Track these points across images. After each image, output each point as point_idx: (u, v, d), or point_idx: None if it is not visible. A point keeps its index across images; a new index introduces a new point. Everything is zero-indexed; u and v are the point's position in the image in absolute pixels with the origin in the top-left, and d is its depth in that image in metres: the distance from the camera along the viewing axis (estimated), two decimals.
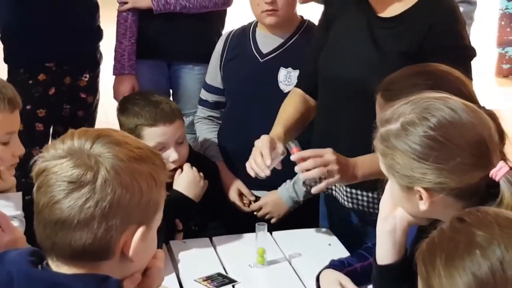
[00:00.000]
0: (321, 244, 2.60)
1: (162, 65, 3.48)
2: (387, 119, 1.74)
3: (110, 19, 3.63)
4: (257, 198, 2.96)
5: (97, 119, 3.66)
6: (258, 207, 2.92)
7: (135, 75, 3.42)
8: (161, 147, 2.67)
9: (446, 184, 1.67)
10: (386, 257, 1.89)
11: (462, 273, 1.25)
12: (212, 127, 3.13)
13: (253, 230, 2.47)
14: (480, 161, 1.67)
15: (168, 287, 2.02)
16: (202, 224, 2.80)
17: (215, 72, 3.11)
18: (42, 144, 3.19)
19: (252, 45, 3.00)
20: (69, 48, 3.39)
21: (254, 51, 2.99)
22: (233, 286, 2.33)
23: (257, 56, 2.98)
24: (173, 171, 2.69)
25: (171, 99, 3.36)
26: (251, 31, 3.03)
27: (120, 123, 2.79)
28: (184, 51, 3.39)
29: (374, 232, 1.93)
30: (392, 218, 1.86)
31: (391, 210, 1.86)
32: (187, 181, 2.69)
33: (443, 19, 2.37)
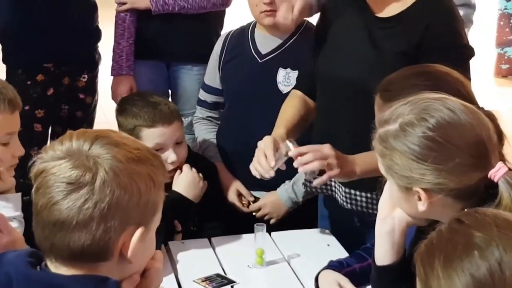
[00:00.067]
0: (320, 244, 2.60)
1: (160, 66, 3.48)
2: (386, 119, 1.74)
3: (108, 19, 3.62)
4: (256, 198, 2.95)
5: (96, 119, 3.66)
6: (257, 208, 2.92)
7: (133, 76, 3.42)
8: (160, 148, 2.66)
9: (444, 184, 1.67)
10: (384, 257, 1.89)
11: (460, 274, 1.25)
12: (210, 127, 3.12)
13: (252, 230, 2.47)
14: (478, 162, 1.67)
15: None
16: (200, 224, 2.79)
17: (213, 72, 3.11)
18: (40, 144, 3.20)
19: (251, 46, 3.00)
20: (67, 48, 3.39)
21: (253, 52, 2.98)
22: (232, 286, 2.33)
23: (256, 56, 2.97)
24: (172, 172, 2.68)
25: (170, 99, 3.36)
26: (249, 32, 3.03)
27: (118, 124, 2.78)
28: (182, 51, 3.39)
29: (373, 232, 1.93)
30: (390, 218, 1.86)
31: (389, 210, 1.86)
32: (187, 182, 2.69)
33: (441, 19, 2.37)
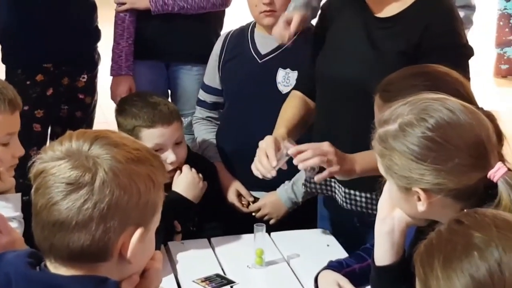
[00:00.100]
0: (319, 245, 2.60)
1: (160, 66, 3.48)
2: (385, 120, 1.74)
3: (108, 19, 3.62)
4: (255, 199, 2.95)
5: (95, 119, 3.66)
6: (256, 208, 2.92)
7: (133, 76, 3.42)
8: (159, 148, 2.66)
9: (444, 185, 1.67)
10: (384, 258, 1.89)
11: (460, 275, 1.25)
12: (210, 127, 3.12)
13: (251, 231, 2.47)
14: (478, 162, 1.67)
15: None
16: (200, 225, 2.79)
17: (213, 72, 3.11)
18: (40, 144, 3.20)
19: (250, 46, 3.00)
20: (67, 48, 3.39)
21: (252, 52, 2.98)
22: (231, 287, 2.33)
23: (256, 57, 2.97)
24: (172, 172, 2.68)
25: (170, 99, 3.36)
26: (249, 32, 3.03)
27: (118, 124, 2.78)
28: (182, 52, 3.39)
29: (372, 233, 1.92)
30: (390, 219, 1.86)
31: (389, 211, 1.86)
32: (186, 183, 2.69)
33: (441, 19, 2.37)
